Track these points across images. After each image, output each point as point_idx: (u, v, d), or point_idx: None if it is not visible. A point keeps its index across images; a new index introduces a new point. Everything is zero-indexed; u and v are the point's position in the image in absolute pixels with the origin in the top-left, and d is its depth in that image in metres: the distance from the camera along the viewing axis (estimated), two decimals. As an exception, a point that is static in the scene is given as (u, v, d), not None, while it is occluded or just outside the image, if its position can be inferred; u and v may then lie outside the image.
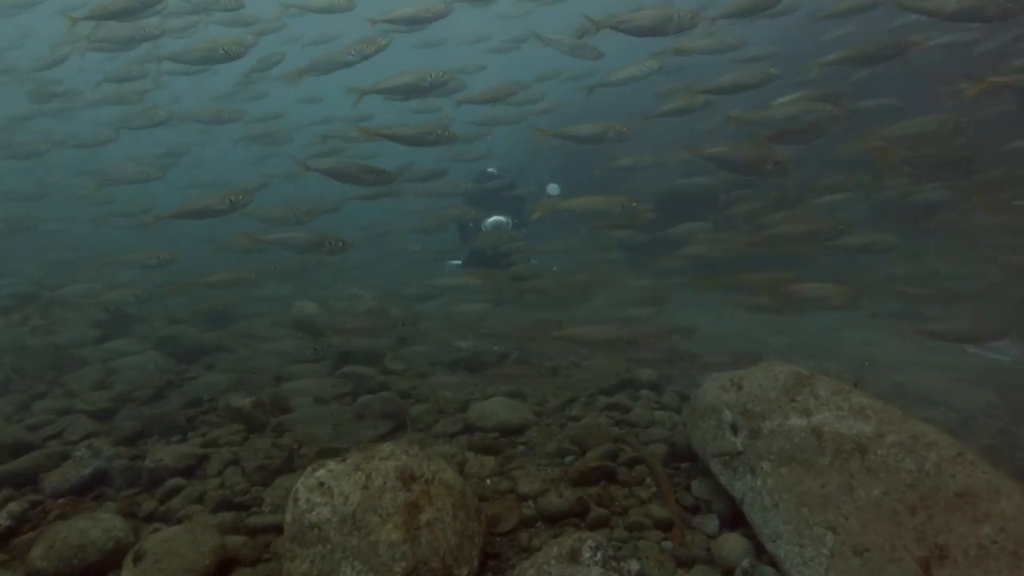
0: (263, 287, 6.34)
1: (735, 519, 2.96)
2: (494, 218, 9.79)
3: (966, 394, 4.83)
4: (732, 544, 2.71)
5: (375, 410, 4.20)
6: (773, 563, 2.54)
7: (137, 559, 2.59)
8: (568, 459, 3.69)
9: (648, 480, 3.42)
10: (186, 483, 3.44)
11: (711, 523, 2.96)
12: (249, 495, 3.38)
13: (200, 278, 5.35)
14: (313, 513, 2.49)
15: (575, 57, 6.71)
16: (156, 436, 4.04)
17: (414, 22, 5.88)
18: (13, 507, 3.13)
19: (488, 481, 3.47)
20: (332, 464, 2.66)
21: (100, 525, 2.81)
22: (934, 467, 2.26)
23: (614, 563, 2.38)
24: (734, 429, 3.01)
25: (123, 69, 8.05)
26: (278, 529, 2.93)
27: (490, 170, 10.17)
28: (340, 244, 4.75)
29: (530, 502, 3.23)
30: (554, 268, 9.57)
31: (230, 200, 4.66)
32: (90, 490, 3.44)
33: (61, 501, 3.31)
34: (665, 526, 2.97)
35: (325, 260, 8.68)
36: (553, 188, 10.63)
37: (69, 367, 5.01)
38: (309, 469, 2.68)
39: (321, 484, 2.57)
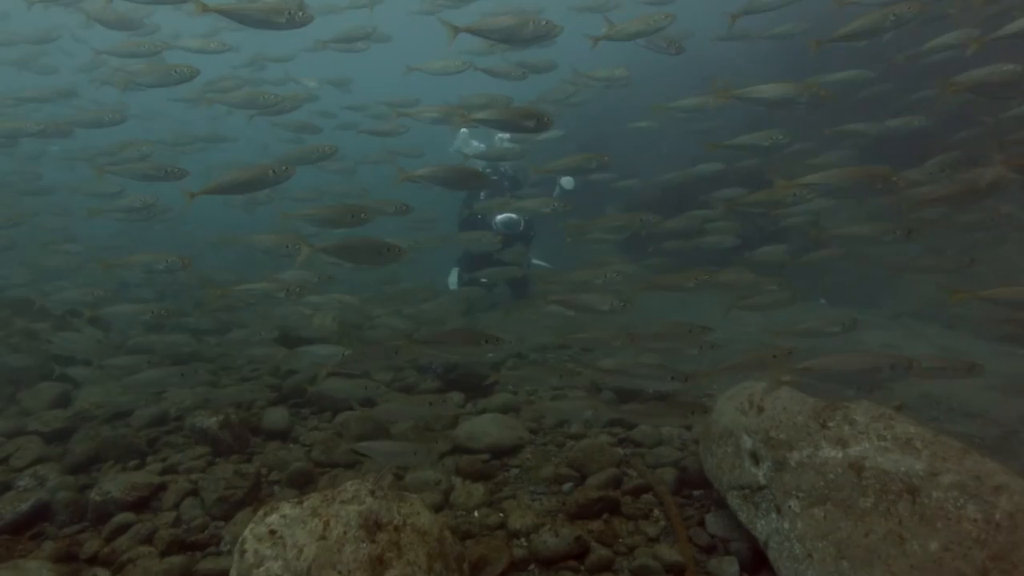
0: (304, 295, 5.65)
1: (757, 562, 2.57)
2: (504, 215, 9.04)
3: (1002, 404, 4.41)
4: (756, 598, 2.32)
5: (353, 430, 3.82)
6: (806, 624, 2.15)
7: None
8: (566, 486, 3.30)
9: (656, 512, 3.03)
10: (136, 519, 3.06)
11: (730, 567, 2.57)
12: (207, 532, 3.01)
13: (237, 286, 4.77)
14: (261, 569, 2.11)
15: (650, 50, 5.99)
16: (112, 461, 3.66)
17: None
18: (-64, 551, 2.76)
19: (476, 514, 3.09)
20: (287, 508, 2.27)
21: (24, 577, 2.44)
22: (1007, 518, 1.86)
23: (617, 630, 1.99)
24: (755, 459, 2.61)
25: (131, 44, 6.96)
26: None
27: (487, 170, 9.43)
28: (399, 251, 4.21)
29: (522, 540, 2.84)
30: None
31: (272, 171, 4.13)
32: (29, 527, 3.07)
33: (-6, 541, 2.93)
34: (677, 571, 2.57)
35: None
36: (568, 181, 9.84)
37: (28, 383, 4.63)
38: (260, 513, 2.29)
39: (272, 532, 2.18)
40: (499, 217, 8.90)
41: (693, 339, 3.67)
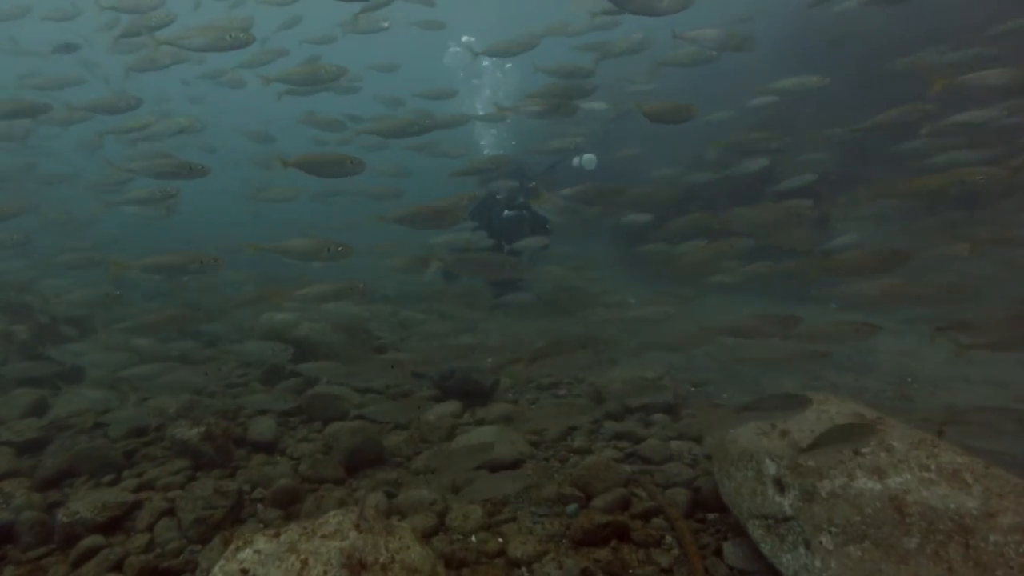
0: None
1: (781, 599, 2.34)
2: (513, 212, 8.60)
3: (1029, 417, 4.17)
4: (784, 645, 2.09)
5: (344, 443, 3.58)
6: None
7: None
8: (570, 508, 3.07)
9: (669, 538, 2.79)
10: (106, 542, 2.83)
11: (751, 606, 2.34)
12: (182, 557, 2.78)
13: (296, 289, 4.29)
14: (231, 613, 1.88)
15: (723, 51, 5.53)
16: (86, 475, 3.44)
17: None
18: None
19: (473, 538, 2.85)
20: (261, 541, 2.05)
21: (-26, 613, 2.21)
22: (1080, 569, 1.63)
23: None
24: (780, 486, 2.38)
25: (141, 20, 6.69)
26: (205, 611, 2.34)
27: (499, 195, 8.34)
28: (524, 265, 3.99)
29: (523, 570, 2.61)
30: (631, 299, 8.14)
31: (350, 161, 4.18)
32: (-9, 550, 2.85)
33: (-49, 567, 2.71)
34: (692, 609, 2.35)
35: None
36: (589, 160, 9.20)
37: (3, 388, 4.40)
38: (232, 547, 2.07)
39: (243, 572, 1.96)
40: (505, 213, 8.54)
41: (860, 336, 3.36)
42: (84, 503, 2.95)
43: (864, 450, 2.20)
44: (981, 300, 3.74)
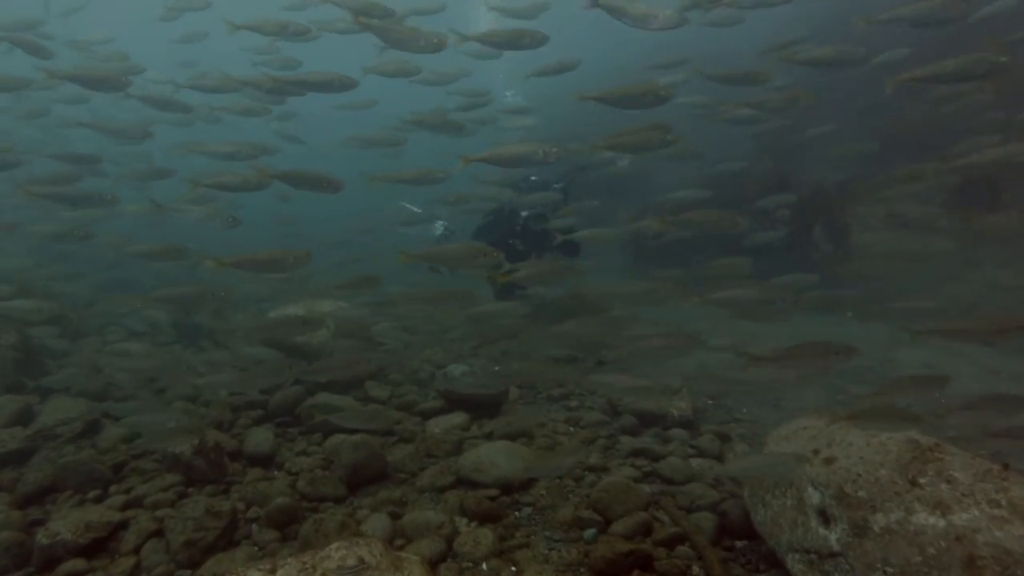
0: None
1: (825, 642, 2.13)
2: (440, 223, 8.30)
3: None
4: None
5: (345, 458, 3.37)
6: None
7: None
8: (588, 533, 2.86)
9: (695, 569, 2.58)
10: (88, 566, 2.63)
11: (793, 650, 2.13)
12: (169, 585, 2.57)
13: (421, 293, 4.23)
14: (219, 661, 1.68)
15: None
16: (70, 491, 3.22)
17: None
18: None
19: (484, 566, 2.65)
20: (255, 578, 1.84)
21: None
22: None
23: None
24: (824, 518, 2.17)
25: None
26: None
27: (533, 178, 7.75)
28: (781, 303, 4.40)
29: (539, 603, 2.40)
30: None
31: (543, 151, 4.31)
32: (-36, 574, 2.64)
33: (-81, 592, 2.50)
34: (728, 652, 2.14)
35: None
36: (621, 165, 8.88)
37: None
38: (223, 584, 1.86)
39: (235, 613, 1.75)
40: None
41: (839, 362, 3.11)
42: (66, 523, 2.74)
43: (922, 480, 2.00)
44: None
